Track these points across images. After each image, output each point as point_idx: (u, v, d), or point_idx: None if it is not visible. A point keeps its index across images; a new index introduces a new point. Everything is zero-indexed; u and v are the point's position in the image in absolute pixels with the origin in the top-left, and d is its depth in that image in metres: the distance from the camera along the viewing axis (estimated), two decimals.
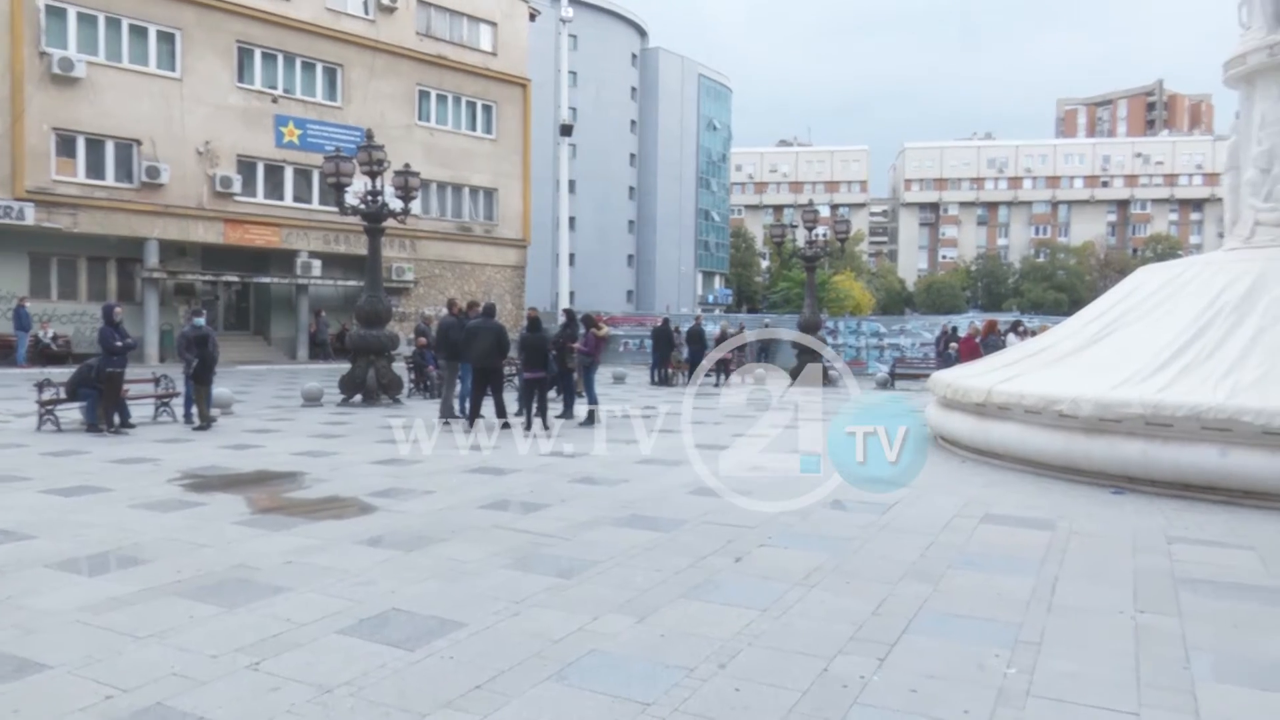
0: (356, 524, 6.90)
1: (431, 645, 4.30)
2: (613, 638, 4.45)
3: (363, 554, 5.99)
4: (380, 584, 5.29)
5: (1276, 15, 10.38)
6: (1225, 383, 8.22)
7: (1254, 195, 10.62)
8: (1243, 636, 4.58)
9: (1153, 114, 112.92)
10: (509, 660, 4.12)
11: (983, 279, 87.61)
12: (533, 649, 4.27)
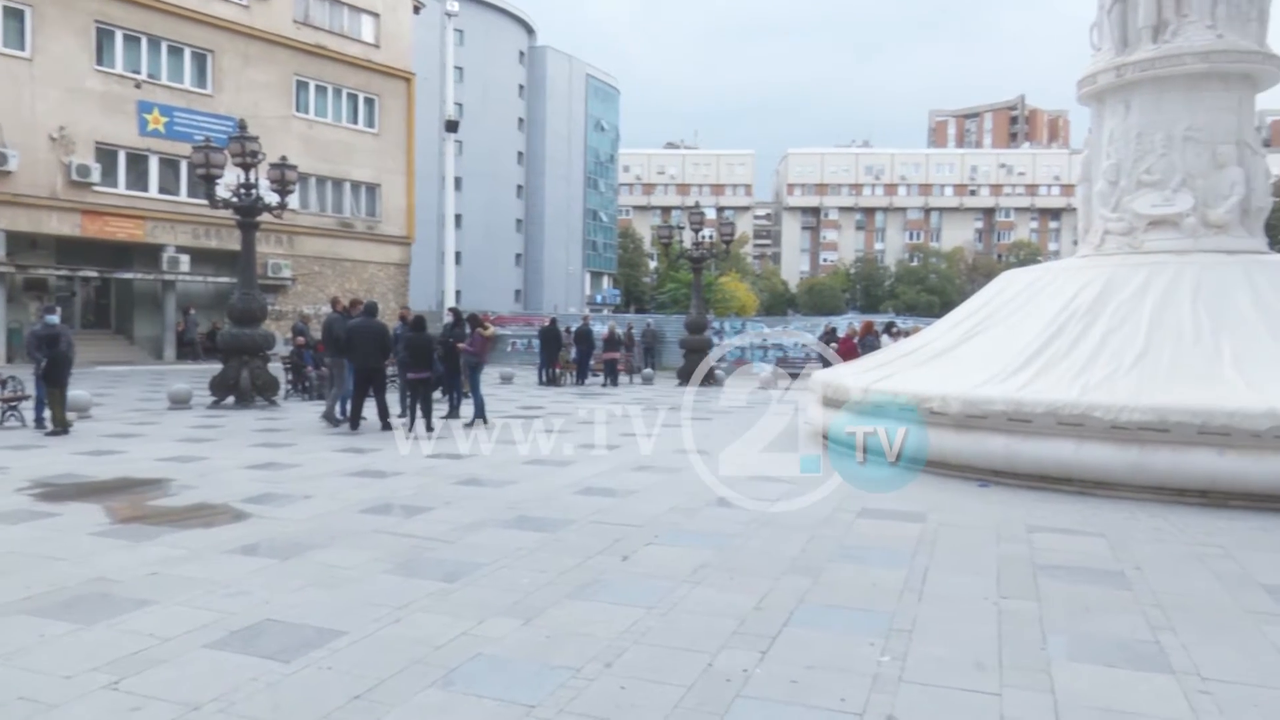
0: (228, 532, 6.59)
1: (308, 656, 4.15)
2: (498, 641, 4.40)
3: (235, 563, 5.72)
4: (254, 594, 5.07)
5: (1122, 39, 11.16)
6: (1078, 381, 8.78)
7: (1104, 206, 11.38)
8: (1093, 617, 4.91)
9: (1015, 127, 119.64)
10: (390, 668, 4.02)
11: (861, 281, 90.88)
12: (415, 655, 4.17)
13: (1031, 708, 3.71)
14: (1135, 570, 5.84)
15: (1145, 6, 10.82)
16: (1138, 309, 9.60)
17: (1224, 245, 10.49)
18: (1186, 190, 10.69)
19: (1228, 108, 10.79)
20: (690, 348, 24.57)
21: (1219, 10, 10.59)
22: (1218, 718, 3.63)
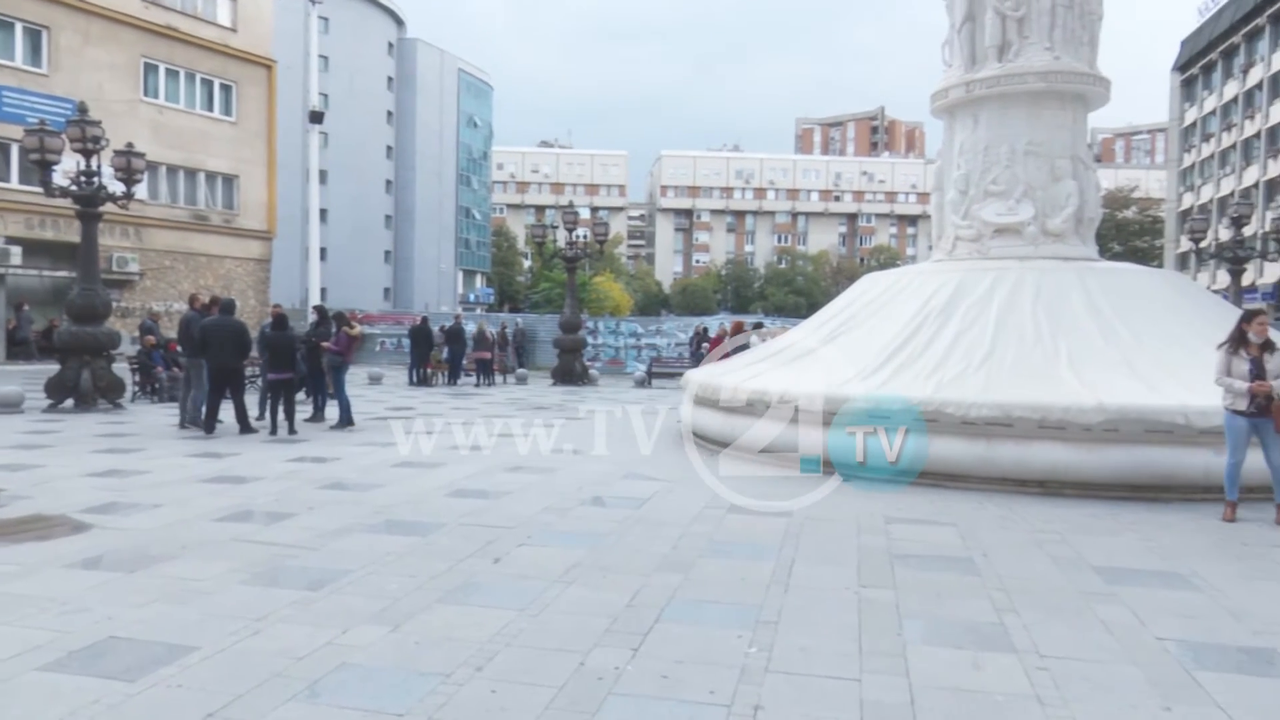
0: (66, 545, 6.13)
1: (157, 674, 3.91)
2: (364, 649, 4.27)
3: (74, 578, 5.33)
4: (95, 610, 4.73)
5: (971, 57, 11.85)
6: (933, 378, 9.27)
7: (955, 214, 12.05)
8: (944, 603, 5.19)
9: (876, 137, 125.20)
10: (248, 683, 3.84)
11: (732, 283, 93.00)
12: (275, 668, 4.00)
13: (889, 691, 3.89)
14: (983, 557, 6.21)
15: (991, 27, 11.53)
16: (985, 311, 10.21)
17: (1061, 252, 11.29)
18: (1028, 200, 11.46)
19: (1064, 125, 11.63)
20: (564, 347, 24.53)
21: (1056, 34, 11.40)
22: (1053, 691, 3.91)
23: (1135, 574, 5.84)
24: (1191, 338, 9.75)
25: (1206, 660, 4.32)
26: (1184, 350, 9.37)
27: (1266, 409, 7.32)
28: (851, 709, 3.70)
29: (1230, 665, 4.28)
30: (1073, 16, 11.45)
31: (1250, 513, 7.58)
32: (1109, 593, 5.40)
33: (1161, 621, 4.86)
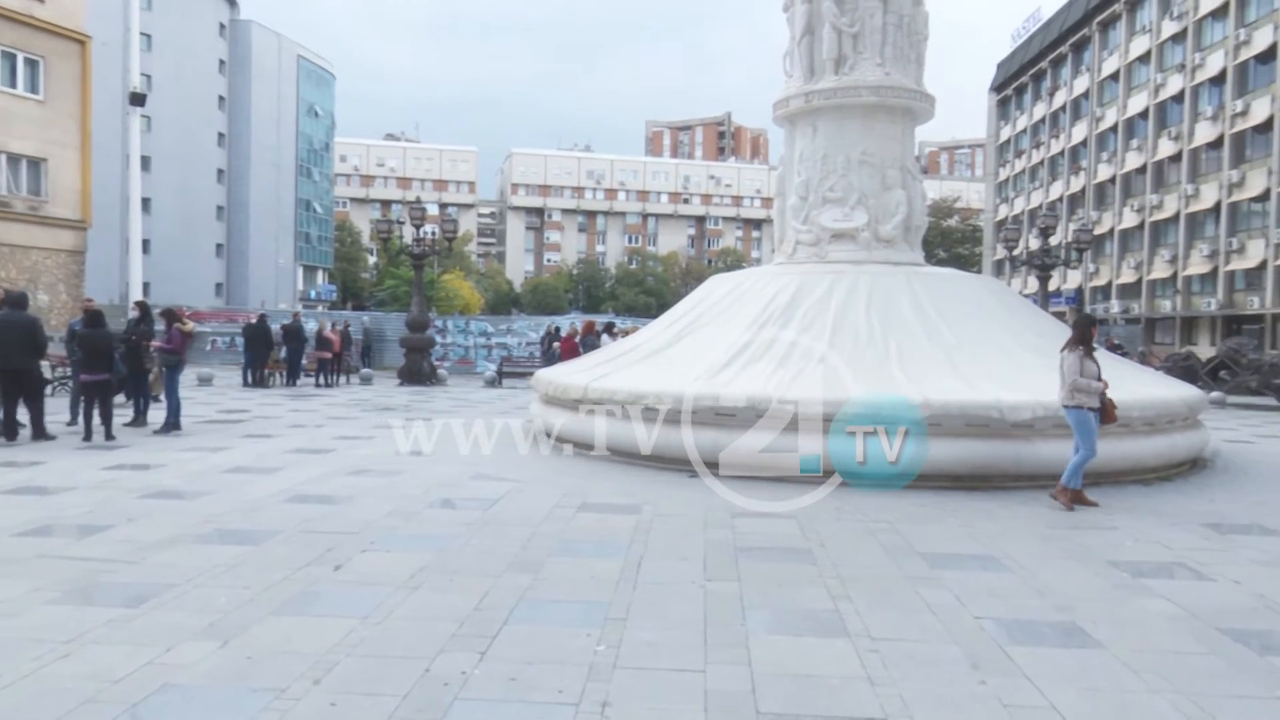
0: None
1: None
2: (190, 668, 4.01)
3: None
4: None
5: (810, 69, 12.37)
6: (775, 377, 9.62)
7: (796, 219, 12.56)
8: (785, 593, 5.40)
9: (723, 142, 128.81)
10: (54, 711, 3.52)
11: (583, 282, 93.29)
12: (88, 693, 3.69)
13: (732, 680, 4.01)
14: (820, 547, 6.50)
15: (829, 41, 12.08)
16: (824, 312, 10.69)
17: (891, 257, 11.97)
18: (862, 208, 12.08)
19: (894, 137, 12.34)
20: (411, 346, 23.91)
21: (887, 51, 12.07)
22: (882, 672, 4.14)
23: (956, 558, 6.27)
24: (1005, 338, 10.58)
25: (1017, 635, 4.68)
26: (998, 350, 10.15)
27: (1102, 406, 8.05)
28: (696, 700, 3.79)
29: (1037, 639, 4.66)
30: (902, 35, 12.16)
31: (1047, 495, 8.28)
32: (933, 577, 5.76)
33: (979, 602, 5.23)
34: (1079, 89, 56.98)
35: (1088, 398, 8.02)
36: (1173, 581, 5.83)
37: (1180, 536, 7.05)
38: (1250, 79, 40.61)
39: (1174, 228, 46.40)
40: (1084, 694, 3.92)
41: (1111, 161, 52.51)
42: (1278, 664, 4.35)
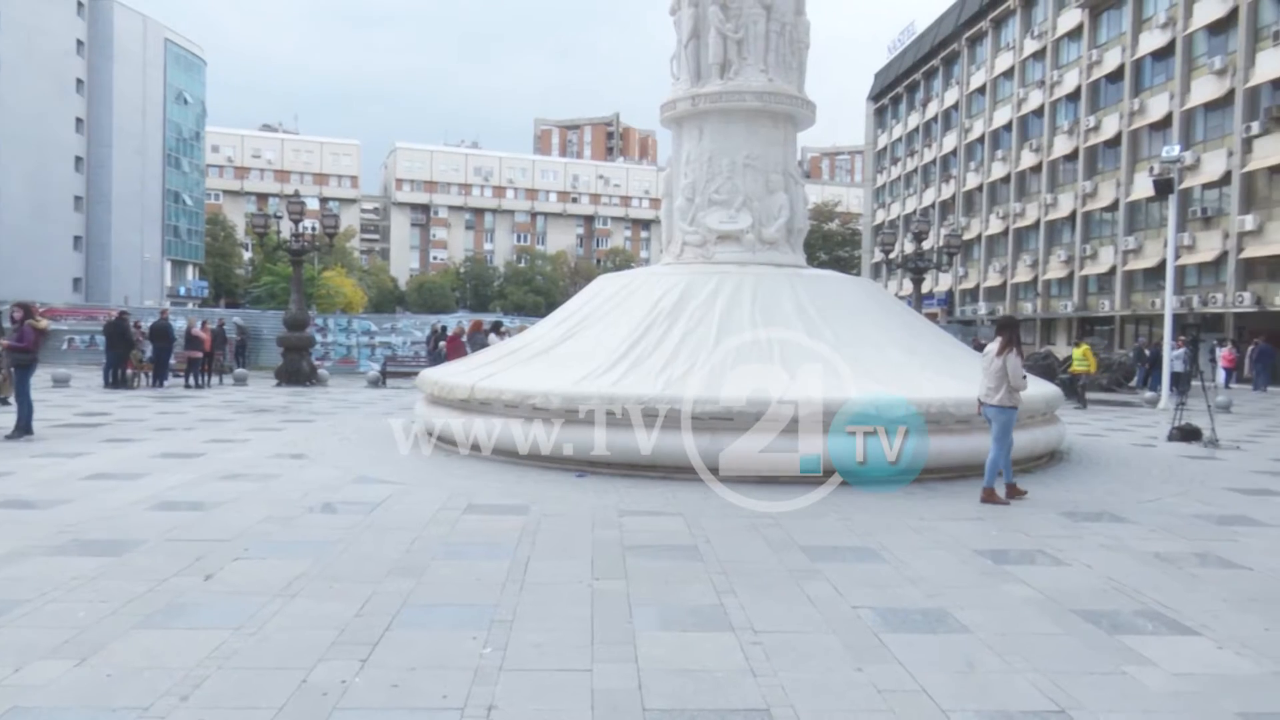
0: None
1: None
2: (44, 688, 3.75)
3: None
4: None
5: (696, 72, 12.55)
6: (662, 376, 9.72)
7: (683, 220, 12.72)
8: (671, 589, 5.46)
9: (612, 142, 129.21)
10: None
11: (471, 281, 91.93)
12: None
13: (619, 678, 4.03)
14: (706, 543, 6.61)
15: (714, 46, 12.28)
16: (710, 312, 10.87)
17: (774, 259, 12.27)
18: (747, 210, 12.34)
19: (777, 142, 12.65)
20: (290, 346, 23.05)
21: (770, 58, 12.36)
22: (765, 664, 4.24)
23: (836, 551, 6.49)
24: (881, 338, 11.00)
25: (892, 623, 4.89)
26: (875, 349, 10.55)
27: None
28: (583, 699, 3.80)
29: (910, 626, 4.87)
30: (784, 43, 12.48)
31: (922, 490, 8.67)
32: (813, 569, 5.95)
33: (856, 592, 5.43)
34: (949, 101, 59.84)
35: (1015, 396, 8.44)
36: (1032, 567, 6.20)
37: (1039, 525, 7.49)
38: (1101, 97, 43.55)
39: (1035, 234, 49.30)
40: (952, 676, 4.13)
41: (979, 171, 55.36)
42: (1124, 641, 4.68)
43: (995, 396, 8.41)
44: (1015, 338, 8.62)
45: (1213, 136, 36.05)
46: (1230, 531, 7.44)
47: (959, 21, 57.54)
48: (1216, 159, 35.18)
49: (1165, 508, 8.39)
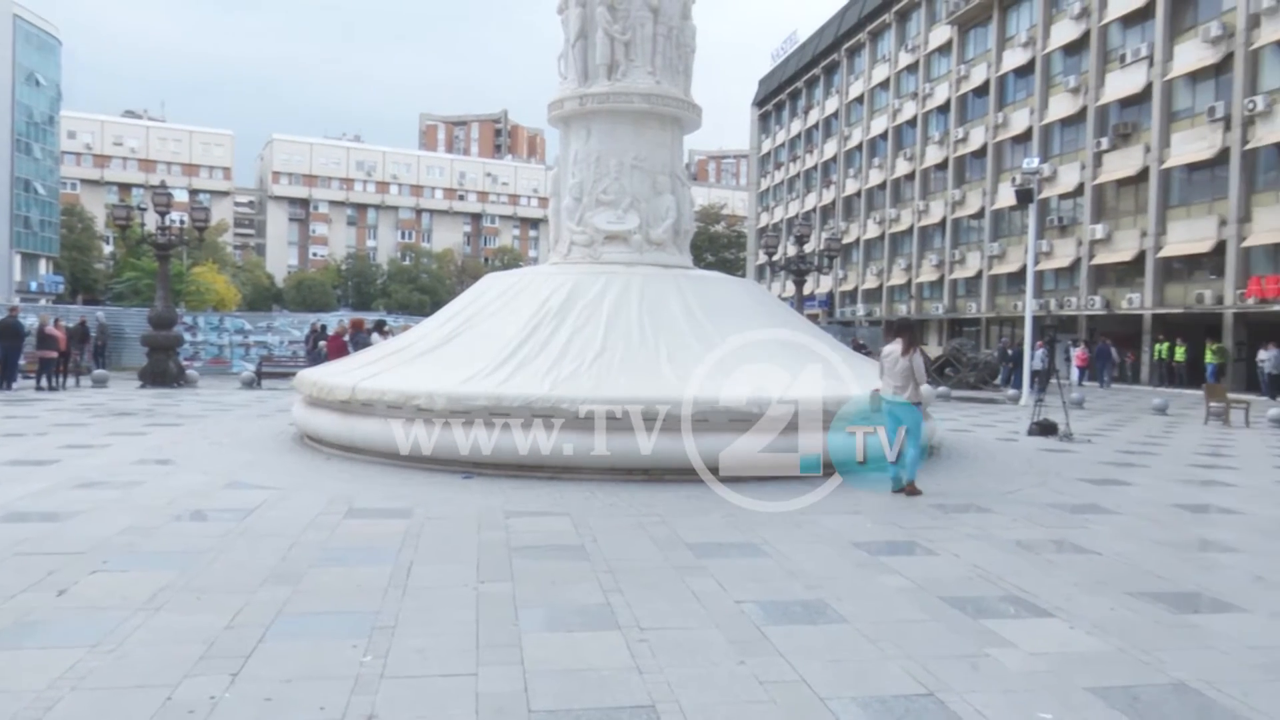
0: None
1: None
2: None
3: None
4: None
5: (584, 72, 12.56)
6: (550, 375, 9.68)
7: (570, 219, 12.70)
8: (558, 589, 5.45)
9: (500, 140, 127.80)
10: None
11: (353, 278, 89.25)
12: None
13: (504, 681, 3.99)
14: (593, 543, 6.62)
15: (602, 47, 12.32)
16: (597, 312, 10.89)
17: (661, 260, 12.40)
18: (634, 211, 12.42)
19: (664, 144, 12.79)
20: (155, 345, 21.83)
21: (657, 61, 12.49)
22: (650, 660, 4.28)
23: (720, 547, 6.61)
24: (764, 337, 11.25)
25: (773, 616, 5.01)
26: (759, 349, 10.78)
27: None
28: (467, 704, 3.74)
29: (790, 618, 5.01)
30: (671, 47, 12.63)
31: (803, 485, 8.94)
32: (699, 566, 6.04)
33: (740, 587, 5.54)
34: (830, 109, 61.85)
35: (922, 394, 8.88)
36: (905, 558, 6.47)
37: (912, 517, 7.83)
38: (969, 110, 45.89)
39: (909, 239, 51.51)
40: (829, 665, 4.27)
41: (858, 177, 57.46)
42: (988, 625, 4.94)
43: (905, 394, 8.80)
44: (916, 339, 9.09)
45: (1068, 150, 38.49)
46: (1082, 519, 7.96)
47: (839, 33, 59.55)
48: (1071, 171, 37.58)
49: (1026, 498, 8.91)
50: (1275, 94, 28.77)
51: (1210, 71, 31.24)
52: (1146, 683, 4.16)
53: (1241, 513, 8.55)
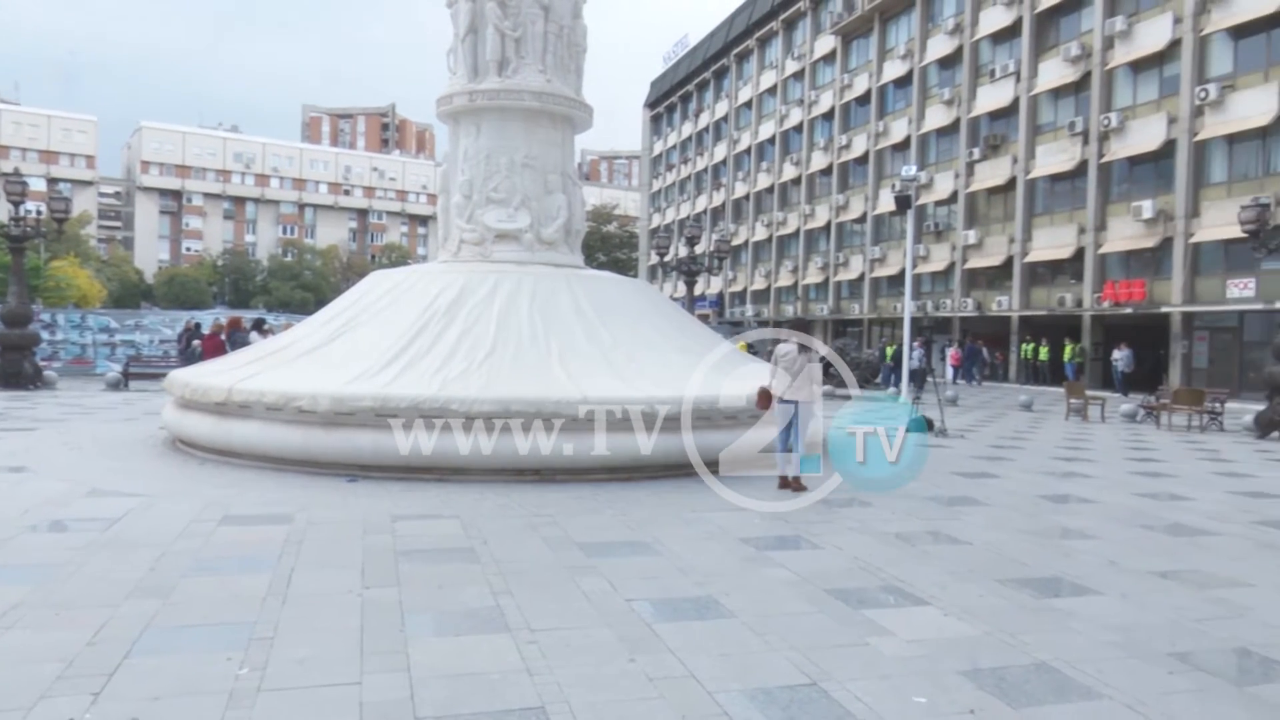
0: None
1: None
2: None
3: None
4: None
5: (474, 68, 12.38)
6: (439, 376, 9.51)
7: (460, 217, 12.50)
8: (446, 593, 5.36)
9: (387, 134, 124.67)
10: None
11: (231, 274, 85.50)
12: None
13: (389, 689, 3.90)
14: (483, 545, 6.54)
15: (492, 43, 12.17)
16: (488, 312, 10.76)
17: (553, 260, 12.35)
18: (525, 210, 12.33)
19: (555, 143, 12.74)
20: (9, 344, 20.33)
21: (548, 59, 12.42)
22: (541, 662, 4.26)
23: (611, 546, 6.63)
24: (656, 338, 11.38)
25: (664, 613, 5.06)
26: (650, 349, 10.89)
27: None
28: (350, 713, 3.64)
29: (680, 615, 5.07)
30: (562, 45, 12.59)
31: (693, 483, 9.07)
32: (589, 565, 6.04)
33: (630, 585, 5.58)
34: (720, 112, 62.93)
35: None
36: (791, 552, 6.65)
37: (798, 512, 8.05)
38: (852, 118, 47.53)
39: (796, 242, 52.93)
40: (717, 659, 4.34)
41: (747, 180, 58.64)
42: (868, 615, 5.13)
43: (802, 394, 9.03)
44: (809, 339, 9.39)
45: (943, 159, 40.34)
46: (955, 511, 8.36)
47: (728, 38, 60.67)
48: (946, 179, 39.41)
49: (904, 492, 9.28)
50: (1127, 111, 30.91)
51: (1071, 88, 33.31)
52: (1012, 664, 4.40)
53: (1098, 502, 9.14)
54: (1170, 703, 3.99)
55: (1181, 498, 9.56)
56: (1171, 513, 8.66)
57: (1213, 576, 6.20)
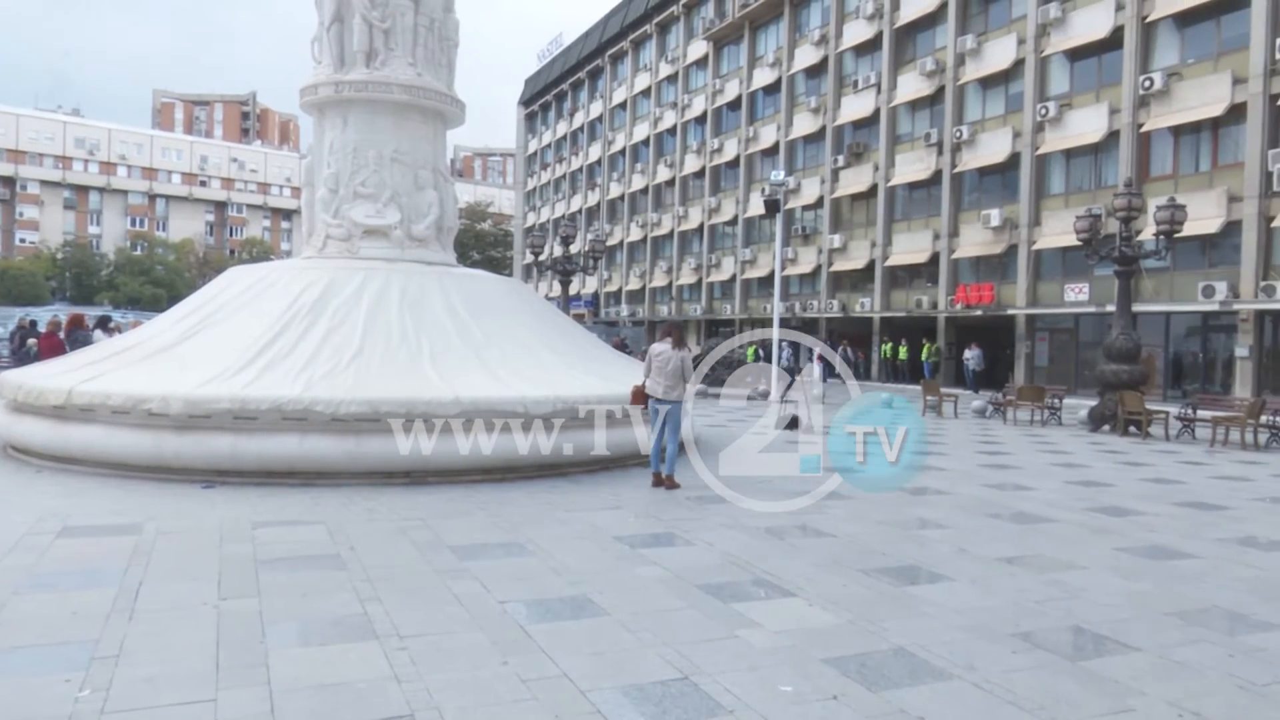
0: None
1: None
2: None
3: None
4: None
5: (340, 58, 11.97)
6: (302, 377, 9.14)
7: (326, 212, 12.06)
8: (310, 602, 5.16)
9: (248, 123, 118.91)
10: None
11: (72, 269, 79.61)
12: None
13: (248, 704, 3.73)
14: (350, 550, 6.33)
15: (359, 33, 11.79)
16: (355, 310, 10.42)
17: (424, 257, 12.08)
18: (395, 206, 12.01)
19: (426, 138, 12.46)
20: None
21: (419, 52, 12.15)
22: (410, 669, 4.16)
23: (484, 548, 6.55)
24: (530, 338, 11.30)
25: (537, 614, 5.04)
26: (524, 349, 10.81)
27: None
28: None
29: (553, 615, 5.06)
30: (433, 39, 12.33)
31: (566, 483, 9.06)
32: (462, 568, 5.95)
33: (503, 587, 5.52)
34: (595, 113, 63.05)
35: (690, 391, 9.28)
36: (664, 549, 6.73)
37: (670, 509, 8.17)
38: (724, 122, 48.54)
39: (670, 243, 53.63)
40: (590, 658, 4.36)
41: (621, 181, 58.98)
42: (738, 608, 5.25)
43: (675, 393, 9.12)
44: (683, 338, 9.51)
45: (810, 165, 41.75)
46: (821, 504, 8.67)
47: (603, 39, 60.85)
48: (813, 185, 40.80)
49: (774, 488, 9.55)
50: (976, 125, 32.83)
51: (926, 101, 35.09)
52: (872, 650, 4.61)
53: (950, 493, 9.68)
54: (1013, 680, 4.26)
55: (1024, 488, 10.23)
56: (1016, 502, 9.26)
57: (1052, 560, 6.67)
